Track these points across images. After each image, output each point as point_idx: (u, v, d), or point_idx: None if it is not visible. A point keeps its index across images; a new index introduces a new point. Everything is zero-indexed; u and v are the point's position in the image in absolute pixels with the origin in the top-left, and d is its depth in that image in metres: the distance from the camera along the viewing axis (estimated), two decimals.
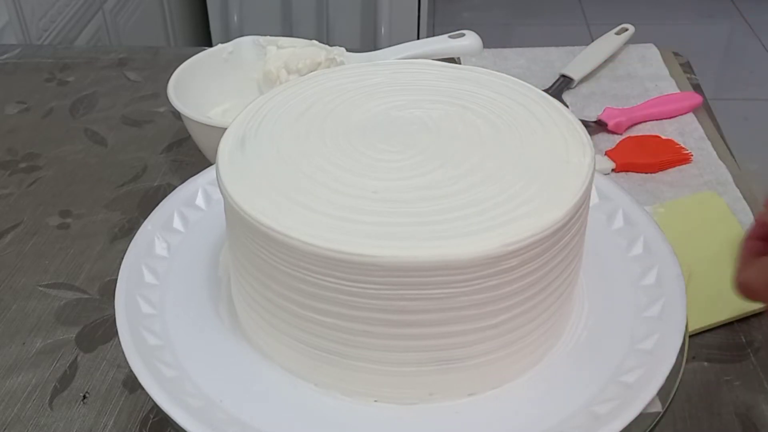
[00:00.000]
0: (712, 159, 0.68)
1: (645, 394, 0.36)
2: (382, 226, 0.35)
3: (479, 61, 0.82)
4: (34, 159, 0.72)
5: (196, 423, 0.35)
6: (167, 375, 0.39)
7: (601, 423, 0.35)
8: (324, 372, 0.38)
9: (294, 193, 0.37)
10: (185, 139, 0.73)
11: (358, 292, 0.34)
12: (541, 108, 0.42)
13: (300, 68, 0.69)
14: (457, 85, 0.45)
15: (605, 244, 0.46)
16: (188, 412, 0.36)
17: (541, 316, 0.38)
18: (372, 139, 0.40)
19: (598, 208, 0.47)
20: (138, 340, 0.40)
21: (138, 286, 0.43)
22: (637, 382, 0.37)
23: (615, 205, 0.47)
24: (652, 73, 0.81)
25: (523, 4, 2.66)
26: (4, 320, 0.56)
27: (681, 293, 0.41)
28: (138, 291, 0.43)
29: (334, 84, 0.45)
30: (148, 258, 0.45)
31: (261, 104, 0.43)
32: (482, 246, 0.34)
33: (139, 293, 0.43)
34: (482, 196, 0.36)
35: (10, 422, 0.48)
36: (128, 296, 0.42)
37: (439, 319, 0.35)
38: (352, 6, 1.81)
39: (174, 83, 0.66)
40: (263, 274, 0.37)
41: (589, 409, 0.37)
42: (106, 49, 0.91)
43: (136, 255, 0.45)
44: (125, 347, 0.39)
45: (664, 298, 0.41)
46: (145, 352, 0.39)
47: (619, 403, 0.36)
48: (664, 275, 0.43)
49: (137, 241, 0.46)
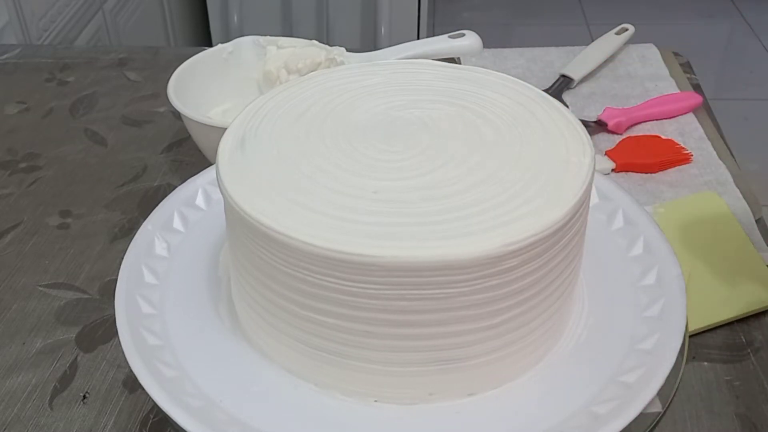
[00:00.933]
0: (712, 159, 0.68)
1: (645, 394, 0.36)
2: (382, 226, 0.35)
3: (479, 61, 0.81)
4: (34, 159, 0.72)
5: (196, 423, 0.35)
6: (167, 375, 0.39)
7: (601, 423, 0.35)
8: (324, 372, 0.38)
9: (294, 193, 0.37)
10: (185, 139, 0.73)
11: (358, 292, 0.34)
12: (541, 108, 0.42)
13: (300, 68, 0.69)
14: (456, 85, 0.45)
15: (605, 244, 0.46)
16: (188, 413, 0.36)
17: (542, 316, 0.38)
18: (372, 139, 0.40)
19: (598, 208, 0.47)
20: (138, 340, 0.40)
21: (138, 286, 0.43)
22: (637, 382, 0.37)
23: (615, 205, 0.47)
24: (652, 73, 0.81)
25: (523, 4, 2.66)
26: (4, 320, 0.56)
27: (681, 293, 0.41)
28: (138, 291, 0.43)
29: (334, 84, 0.45)
30: (148, 258, 0.45)
31: (261, 104, 0.43)
32: (482, 246, 0.34)
33: (139, 293, 0.43)
34: (482, 196, 0.36)
35: (10, 422, 0.48)
36: (128, 296, 0.42)
37: (439, 319, 0.35)
38: (352, 6, 1.81)
39: (174, 83, 0.66)
40: (263, 274, 0.37)
41: (589, 409, 0.37)
42: (106, 49, 0.91)
43: (136, 255, 0.45)
44: (125, 347, 0.39)
45: (664, 299, 0.41)
46: (145, 351, 0.39)
47: (619, 403, 0.36)
48: (664, 275, 0.43)
49: (137, 242, 0.46)
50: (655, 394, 0.36)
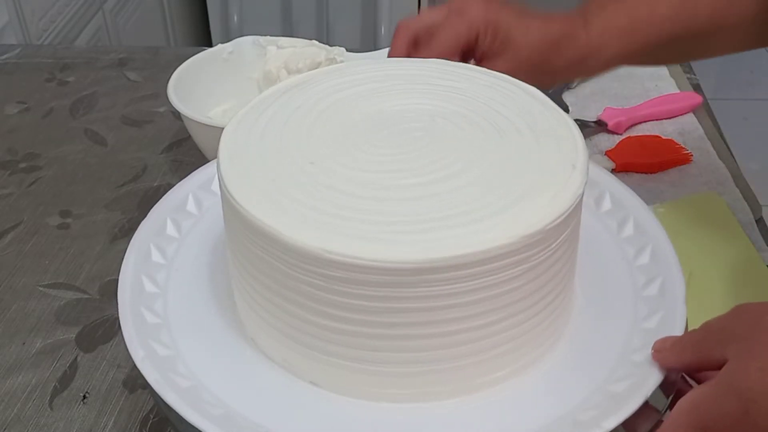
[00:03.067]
0: (712, 159, 0.68)
1: (630, 405, 0.36)
2: (382, 225, 0.35)
3: None
4: (34, 159, 0.72)
5: (201, 419, 0.35)
6: (161, 354, 0.39)
7: (601, 420, 0.35)
8: (323, 371, 0.38)
9: (293, 192, 0.37)
10: (185, 139, 0.73)
11: (357, 293, 0.35)
12: (537, 109, 0.42)
13: (300, 68, 0.69)
14: (455, 85, 0.45)
15: (610, 252, 0.45)
16: (197, 412, 0.36)
17: (540, 314, 0.38)
18: (372, 139, 0.40)
19: (610, 214, 0.47)
20: (137, 321, 0.40)
21: (141, 295, 0.43)
22: (625, 391, 0.37)
23: (626, 213, 0.46)
24: (652, 73, 0.81)
25: (523, 5, 2.66)
26: (4, 320, 0.56)
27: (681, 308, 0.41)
28: (141, 301, 0.42)
29: (333, 84, 0.45)
30: (146, 266, 0.45)
31: (261, 103, 0.43)
32: (482, 246, 0.34)
33: (143, 304, 0.42)
34: (479, 195, 0.36)
35: (10, 422, 0.48)
36: (132, 299, 0.42)
37: (438, 320, 0.35)
38: (352, 6, 1.81)
39: (174, 83, 0.66)
40: (261, 273, 0.37)
41: (589, 404, 0.37)
42: (106, 49, 0.91)
43: (137, 259, 0.45)
44: (127, 340, 0.39)
45: (662, 311, 0.41)
46: (146, 332, 0.40)
47: (602, 410, 0.36)
48: (667, 286, 0.42)
49: (137, 241, 0.46)
50: (641, 403, 0.36)
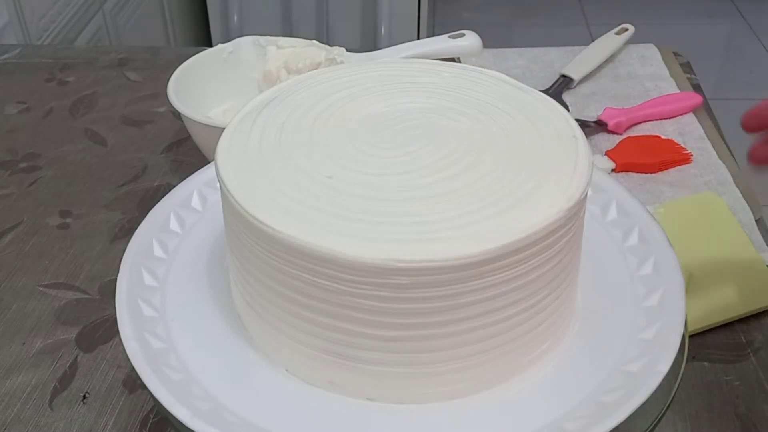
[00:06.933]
0: (712, 159, 0.68)
1: (620, 413, 0.35)
2: (382, 226, 0.35)
3: (479, 61, 0.81)
4: (34, 159, 0.72)
5: (197, 420, 0.35)
6: (155, 346, 0.39)
7: (606, 414, 0.35)
8: (322, 371, 0.38)
9: (293, 191, 0.37)
10: (185, 139, 0.73)
11: (356, 292, 0.35)
12: (539, 108, 0.42)
13: (300, 68, 0.69)
14: (456, 85, 0.45)
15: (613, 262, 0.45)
16: (192, 412, 0.36)
17: (541, 314, 0.38)
18: (372, 139, 0.40)
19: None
20: (137, 314, 0.40)
21: (140, 288, 0.43)
22: (616, 401, 0.37)
23: (632, 221, 0.46)
24: (652, 73, 0.81)
25: (523, 4, 2.66)
26: (4, 320, 0.56)
27: (680, 316, 0.41)
28: (140, 294, 0.43)
29: (333, 84, 0.45)
30: (147, 260, 0.45)
31: (261, 102, 0.43)
32: (481, 246, 0.34)
33: (140, 296, 0.43)
34: (479, 195, 0.36)
35: (10, 422, 0.48)
36: (130, 296, 0.42)
37: (437, 320, 0.35)
38: (352, 6, 1.81)
39: (174, 83, 0.66)
40: (260, 272, 0.37)
41: (595, 400, 0.37)
42: (106, 49, 0.91)
43: (135, 257, 0.45)
44: (125, 343, 0.39)
45: (660, 322, 0.41)
46: (142, 324, 0.39)
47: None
48: (667, 297, 0.42)
49: (134, 244, 0.45)
50: (628, 413, 0.35)
